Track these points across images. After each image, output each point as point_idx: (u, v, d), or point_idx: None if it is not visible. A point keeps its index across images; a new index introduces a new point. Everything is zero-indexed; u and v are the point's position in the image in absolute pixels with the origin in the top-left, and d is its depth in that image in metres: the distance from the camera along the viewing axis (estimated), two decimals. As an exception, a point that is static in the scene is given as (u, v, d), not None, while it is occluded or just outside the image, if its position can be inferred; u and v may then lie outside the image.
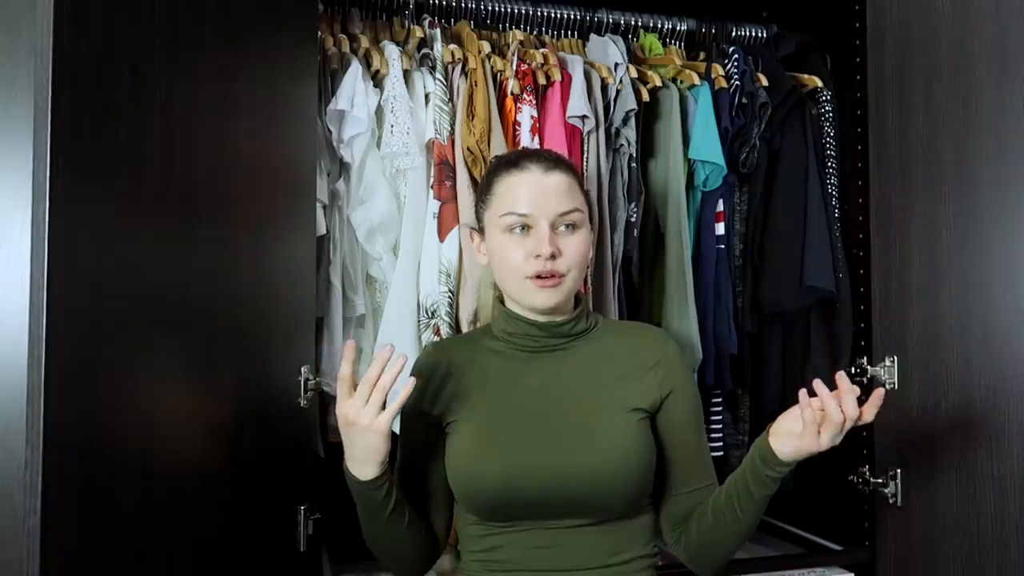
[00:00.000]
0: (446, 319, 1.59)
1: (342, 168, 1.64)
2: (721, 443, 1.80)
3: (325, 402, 1.61)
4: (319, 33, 1.53)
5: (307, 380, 1.34)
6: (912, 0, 1.51)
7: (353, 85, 1.57)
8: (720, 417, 1.80)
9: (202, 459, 1.18)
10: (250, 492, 1.25)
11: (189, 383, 1.16)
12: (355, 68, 1.59)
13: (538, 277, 1.18)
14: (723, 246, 1.77)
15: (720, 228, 1.77)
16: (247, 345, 1.26)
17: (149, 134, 1.08)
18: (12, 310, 0.95)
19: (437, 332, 1.59)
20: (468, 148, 1.64)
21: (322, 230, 1.55)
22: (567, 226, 1.21)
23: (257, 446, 1.26)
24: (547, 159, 1.24)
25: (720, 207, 1.77)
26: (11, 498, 0.94)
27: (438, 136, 1.62)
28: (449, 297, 1.60)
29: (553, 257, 1.18)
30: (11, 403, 0.94)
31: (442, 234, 1.60)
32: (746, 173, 1.81)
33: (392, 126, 1.59)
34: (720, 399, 1.80)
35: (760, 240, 1.81)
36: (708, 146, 1.73)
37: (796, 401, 1.13)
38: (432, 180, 1.62)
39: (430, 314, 1.59)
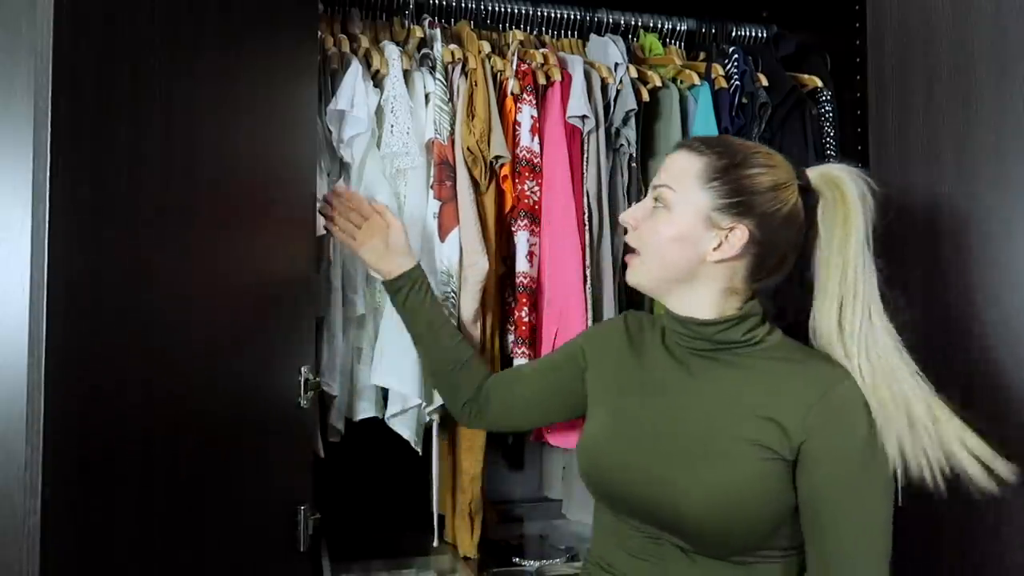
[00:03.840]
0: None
1: (342, 168, 1.64)
2: (721, 443, 1.80)
3: (325, 402, 1.61)
4: (319, 33, 1.53)
5: (307, 380, 1.33)
6: (912, 0, 1.51)
7: (353, 85, 1.57)
8: (720, 417, 1.80)
9: (202, 459, 1.18)
10: (250, 492, 1.25)
11: (189, 383, 1.16)
12: (355, 68, 1.59)
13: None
14: (723, 246, 1.77)
15: (720, 228, 1.77)
16: (247, 345, 1.26)
17: (149, 134, 1.08)
18: (12, 310, 0.94)
19: None
20: (468, 148, 1.64)
21: (322, 230, 1.55)
22: (655, 200, 1.18)
23: (257, 446, 1.26)
24: (698, 138, 1.21)
25: (720, 207, 1.77)
26: (11, 498, 0.94)
27: (438, 136, 1.62)
28: (453, 298, 1.60)
29: (634, 229, 1.19)
30: (11, 403, 0.94)
31: (443, 234, 1.60)
32: (746, 173, 1.80)
33: (392, 126, 1.59)
34: (720, 399, 1.80)
35: (760, 240, 1.81)
36: (708, 146, 1.73)
37: None
38: (432, 180, 1.62)
39: None
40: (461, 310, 1.62)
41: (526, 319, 1.63)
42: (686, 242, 1.14)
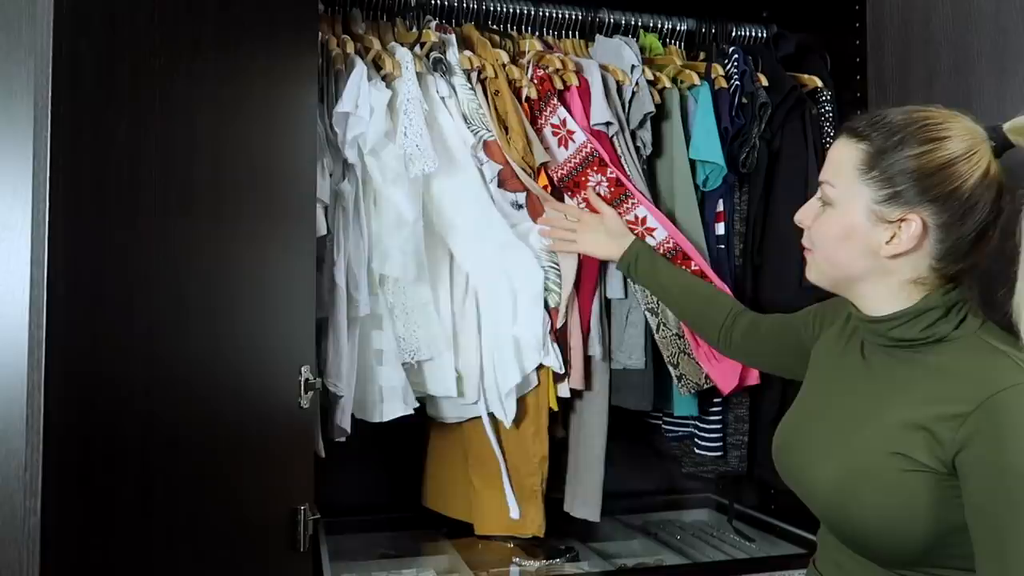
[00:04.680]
0: (555, 288, 1.69)
1: (346, 168, 1.63)
2: (721, 443, 1.80)
3: (326, 402, 1.61)
4: (321, 34, 1.53)
5: (307, 380, 1.33)
6: (912, 0, 1.51)
7: (358, 85, 1.57)
8: (720, 417, 1.81)
9: (202, 459, 1.18)
10: (250, 492, 1.25)
11: (189, 384, 1.16)
12: (360, 69, 1.58)
13: None
14: (723, 246, 1.77)
15: (720, 228, 1.77)
16: (247, 345, 1.26)
17: (149, 134, 1.08)
18: (12, 310, 0.95)
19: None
20: (515, 163, 1.66)
21: (323, 230, 1.55)
22: (820, 199, 1.10)
23: (257, 446, 1.26)
24: (862, 118, 1.08)
25: (720, 207, 1.77)
26: (11, 498, 0.94)
27: (489, 137, 1.65)
28: (555, 269, 1.70)
29: (807, 228, 1.13)
30: (11, 403, 0.94)
31: (535, 218, 1.70)
32: (746, 173, 1.81)
33: (406, 128, 1.59)
34: (720, 399, 1.80)
35: (760, 240, 1.81)
36: (708, 146, 1.73)
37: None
38: (497, 180, 1.66)
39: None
40: (563, 283, 1.69)
41: None
42: (854, 240, 1.05)
